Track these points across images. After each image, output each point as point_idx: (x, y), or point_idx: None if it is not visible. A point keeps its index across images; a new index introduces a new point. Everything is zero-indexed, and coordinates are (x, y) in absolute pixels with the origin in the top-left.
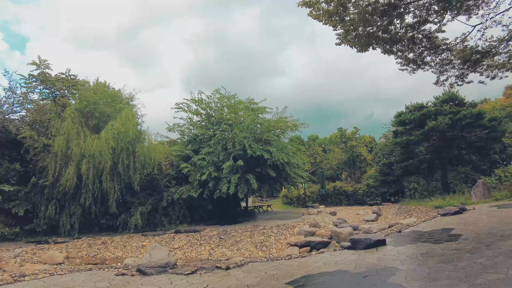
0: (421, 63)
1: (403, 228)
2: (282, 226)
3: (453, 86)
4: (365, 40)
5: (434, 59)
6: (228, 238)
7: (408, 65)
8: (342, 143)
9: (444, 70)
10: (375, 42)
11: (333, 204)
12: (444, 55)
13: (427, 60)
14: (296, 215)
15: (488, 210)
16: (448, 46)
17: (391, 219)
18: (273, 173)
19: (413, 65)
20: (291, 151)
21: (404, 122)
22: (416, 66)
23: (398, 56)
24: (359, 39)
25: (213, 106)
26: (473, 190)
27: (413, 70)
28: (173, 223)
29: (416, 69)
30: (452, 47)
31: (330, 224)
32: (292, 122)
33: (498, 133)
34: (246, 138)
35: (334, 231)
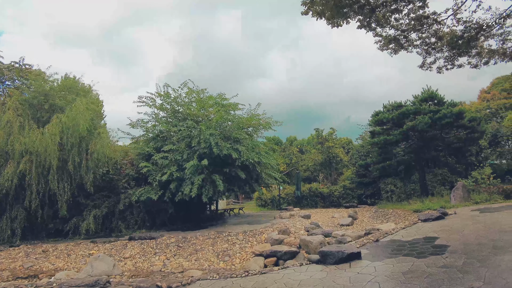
0: (405, 41)
1: (381, 236)
2: (249, 233)
3: (442, 71)
4: (334, 6)
5: (421, 36)
6: (187, 246)
7: (389, 45)
8: (319, 144)
9: (432, 50)
10: (349, 9)
11: (309, 206)
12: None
13: (412, 38)
14: (267, 219)
15: (471, 215)
16: (437, 18)
17: (368, 223)
18: (243, 174)
19: (395, 45)
20: (264, 151)
21: (381, 121)
22: (398, 46)
23: (377, 33)
24: (327, 3)
25: (180, 101)
26: (453, 193)
27: (394, 51)
28: (131, 228)
29: (398, 50)
30: (443, 20)
31: (302, 230)
32: (265, 120)
33: (477, 134)
34: (212, 136)
35: (303, 239)
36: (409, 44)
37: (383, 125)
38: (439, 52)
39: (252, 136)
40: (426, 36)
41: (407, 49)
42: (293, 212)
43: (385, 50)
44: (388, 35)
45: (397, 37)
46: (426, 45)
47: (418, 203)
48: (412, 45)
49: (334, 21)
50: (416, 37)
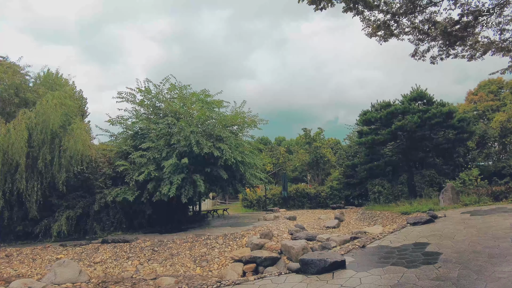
0: (396, 27)
1: (368, 241)
2: (229, 236)
3: (435, 61)
4: None
5: (413, 22)
6: (163, 250)
7: (378, 31)
8: (306, 144)
9: (426, 37)
10: None
11: (295, 207)
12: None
13: (403, 23)
14: (251, 220)
15: (462, 218)
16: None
17: (354, 225)
18: (225, 174)
19: (384, 31)
20: (248, 150)
21: (369, 121)
22: (388, 32)
23: (365, 17)
24: None
25: (161, 97)
26: (442, 195)
27: (384, 38)
28: (106, 230)
29: (388, 37)
30: (439, 2)
31: (286, 233)
32: (250, 118)
33: (466, 135)
34: (193, 133)
35: (285, 245)
36: (400, 30)
37: (371, 125)
38: (433, 40)
39: (237, 134)
40: (420, 21)
41: (397, 36)
42: (278, 213)
43: (374, 37)
44: (377, 20)
45: (387, 21)
46: (418, 31)
47: (406, 205)
48: (403, 32)
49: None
50: (407, 23)
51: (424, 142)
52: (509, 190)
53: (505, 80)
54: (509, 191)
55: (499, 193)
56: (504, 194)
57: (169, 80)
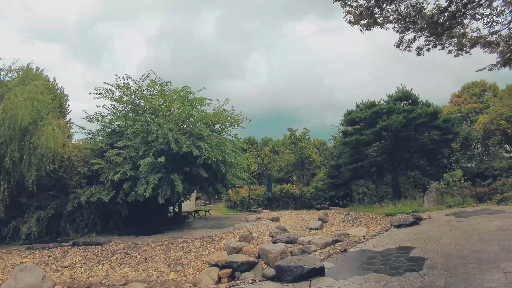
0: (380, 14)
1: (350, 245)
2: (207, 239)
3: (421, 53)
4: None
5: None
6: (136, 253)
7: (361, 19)
8: (292, 144)
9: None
10: None
11: (280, 207)
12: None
13: (387, 10)
14: (233, 222)
15: (447, 220)
16: None
17: (338, 227)
18: (205, 174)
19: (368, 19)
20: (230, 149)
21: (354, 121)
22: (371, 20)
23: (347, 3)
24: None
25: (140, 94)
26: (426, 196)
27: (367, 27)
28: (80, 231)
29: (371, 25)
30: None
31: (266, 235)
32: (233, 117)
33: (451, 135)
34: (172, 131)
35: (263, 248)
36: (385, 18)
37: (356, 125)
38: (420, 31)
39: (220, 133)
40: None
41: (381, 25)
42: (261, 214)
43: (356, 25)
44: (359, 5)
45: (370, 8)
46: (404, 20)
47: (391, 206)
48: (387, 20)
49: None
50: (392, 8)
51: (409, 143)
52: (492, 191)
53: (488, 83)
54: (492, 192)
55: (483, 194)
56: (488, 195)
57: (149, 76)
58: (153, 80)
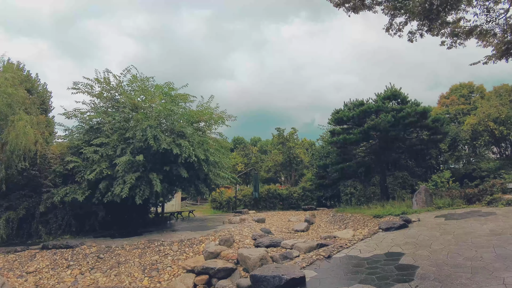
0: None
1: (335, 250)
2: (186, 242)
3: (413, 38)
4: None
5: None
6: (109, 257)
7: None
8: (280, 144)
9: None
10: None
11: (267, 208)
12: None
13: None
14: (216, 223)
15: (436, 223)
16: None
17: (324, 229)
18: (185, 173)
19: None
20: (214, 148)
21: (341, 120)
22: (358, 2)
23: None
24: None
25: (121, 89)
26: (415, 197)
27: (353, 9)
28: (53, 233)
29: (358, 8)
30: None
31: (249, 238)
32: (218, 114)
33: (440, 136)
34: (151, 127)
35: (241, 254)
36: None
37: (343, 124)
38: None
39: (205, 132)
40: None
41: (370, 8)
42: (245, 216)
43: (342, 8)
44: None
45: None
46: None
47: (379, 208)
48: (376, 2)
49: None
50: None
51: (397, 143)
52: (482, 192)
53: (475, 84)
54: (482, 193)
55: (472, 195)
56: (477, 196)
57: (130, 71)
58: (135, 75)
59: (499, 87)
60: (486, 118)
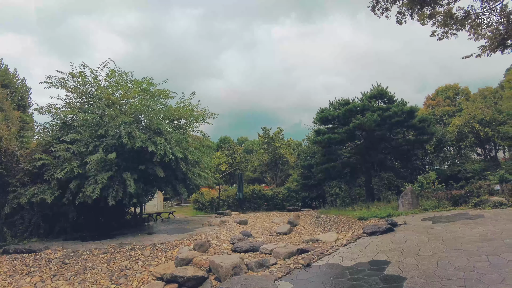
0: None
1: (315, 258)
2: (159, 246)
3: (403, 19)
4: None
5: None
6: (75, 263)
7: None
8: (265, 144)
9: None
10: None
11: (251, 209)
12: None
13: None
14: (195, 225)
15: (424, 226)
16: None
17: (308, 231)
18: (161, 172)
19: None
20: (194, 146)
21: (326, 119)
22: None
23: None
24: None
25: (95, 84)
26: (401, 199)
27: None
28: (19, 236)
29: None
30: None
31: (226, 242)
32: (199, 111)
33: (426, 136)
34: (125, 124)
35: (213, 262)
36: None
37: (329, 123)
38: None
39: (186, 129)
40: None
41: None
42: (227, 217)
43: None
44: None
45: None
46: None
47: (364, 210)
48: None
49: None
50: None
51: (383, 143)
52: (468, 194)
53: (460, 86)
54: (468, 195)
55: (459, 197)
56: (463, 198)
57: (108, 65)
58: (113, 69)
59: (483, 89)
60: (471, 120)
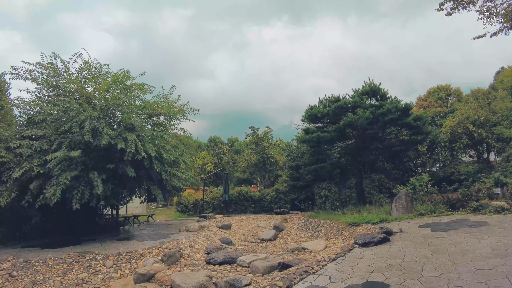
0: None
1: (297, 277)
2: (124, 256)
3: None
4: None
5: None
6: (24, 275)
7: None
8: (253, 144)
9: None
10: None
11: (237, 212)
12: None
13: None
14: (171, 231)
15: (423, 235)
16: None
17: (294, 237)
18: (132, 172)
19: None
20: (172, 144)
21: (315, 117)
22: None
23: None
24: None
25: (67, 76)
26: (395, 203)
27: None
28: None
29: None
30: None
31: (201, 251)
32: (179, 107)
33: (421, 136)
34: (91, 119)
35: (174, 282)
36: None
37: (318, 122)
38: None
39: (166, 127)
40: None
41: None
42: (209, 221)
43: None
44: None
45: None
46: None
47: (354, 214)
48: None
49: None
50: None
51: (375, 143)
52: (466, 198)
53: (452, 87)
54: (466, 199)
55: (456, 201)
56: (461, 202)
57: (81, 56)
58: (86, 61)
59: (476, 90)
60: (465, 120)
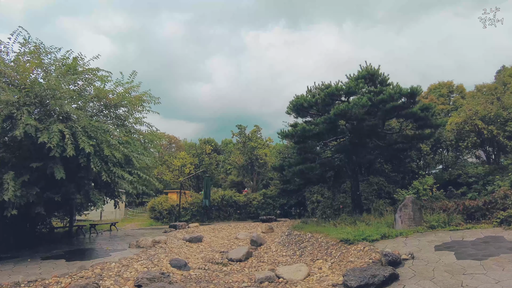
0: None
1: None
2: (24, 286)
3: None
4: None
5: None
6: None
7: None
8: (241, 144)
9: None
10: None
11: (220, 218)
12: None
13: None
14: (120, 246)
15: (445, 265)
16: None
17: (272, 256)
18: (62, 173)
19: None
20: (125, 139)
21: (302, 107)
22: None
23: None
24: None
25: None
26: (399, 212)
27: None
28: None
29: None
30: None
31: (129, 283)
32: (137, 96)
33: (429, 130)
34: (8, 104)
35: None
36: None
37: (306, 113)
38: None
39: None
40: None
41: None
42: (176, 232)
43: None
44: None
45: None
46: None
47: (349, 227)
48: None
49: None
50: None
51: (373, 139)
52: (489, 206)
53: (455, 84)
54: (489, 207)
55: (475, 209)
56: (481, 211)
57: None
58: (27, 39)
59: (481, 86)
60: (473, 116)
